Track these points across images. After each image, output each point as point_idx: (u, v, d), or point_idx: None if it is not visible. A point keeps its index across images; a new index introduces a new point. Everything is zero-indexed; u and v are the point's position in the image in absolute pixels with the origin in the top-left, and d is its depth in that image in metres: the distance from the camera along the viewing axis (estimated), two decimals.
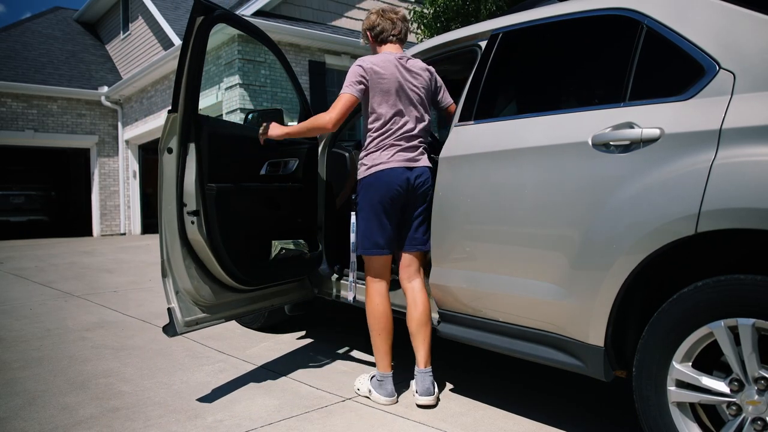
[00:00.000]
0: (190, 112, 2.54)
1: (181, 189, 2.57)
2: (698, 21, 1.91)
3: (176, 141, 2.54)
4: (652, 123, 1.89)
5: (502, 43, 2.53)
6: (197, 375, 2.97)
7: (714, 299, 1.70)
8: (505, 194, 2.29)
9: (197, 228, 2.56)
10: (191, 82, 2.53)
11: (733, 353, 1.67)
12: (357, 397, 2.66)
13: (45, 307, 4.68)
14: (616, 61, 2.11)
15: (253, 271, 2.82)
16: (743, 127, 1.69)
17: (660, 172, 1.83)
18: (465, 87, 2.60)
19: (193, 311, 2.65)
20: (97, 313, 4.46)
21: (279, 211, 3.01)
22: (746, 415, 1.66)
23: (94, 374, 2.99)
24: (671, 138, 1.84)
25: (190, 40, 2.51)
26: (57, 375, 2.98)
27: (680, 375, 1.78)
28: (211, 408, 2.54)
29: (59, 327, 4.00)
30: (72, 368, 3.09)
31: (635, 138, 1.91)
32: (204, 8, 2.53)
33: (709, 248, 1.87)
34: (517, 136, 2.29)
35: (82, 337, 3.71)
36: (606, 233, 1.94)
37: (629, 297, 1.97)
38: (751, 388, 1.66)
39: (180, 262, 2.59)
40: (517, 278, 2.25)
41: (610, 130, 1.98)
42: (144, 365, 3.14)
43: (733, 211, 1.64)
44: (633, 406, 1.93)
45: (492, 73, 2.53)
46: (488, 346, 2.40)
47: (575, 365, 2.08)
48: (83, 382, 2.87)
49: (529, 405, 2.58)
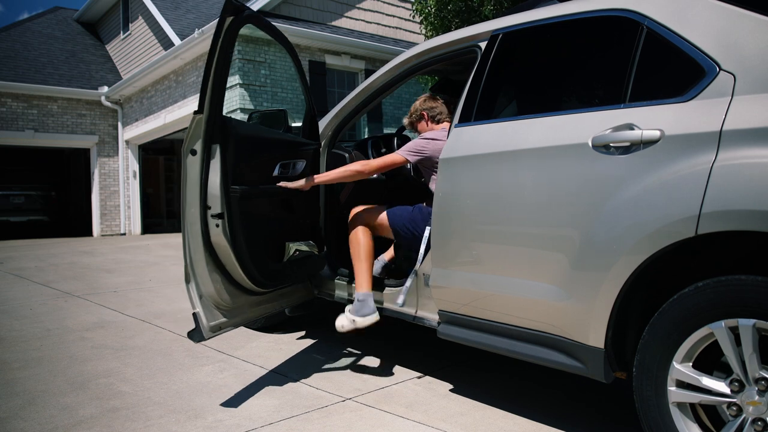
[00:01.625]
0: (216, 113, 2.50)
1: (205, 191, 2.53)
2: (698, 22, 1.91)
3: (201, 143, 2.50)
4: (652, 125, 1.89)
5: (502, 44, 2.53)
6: (198, 375, 2.97)
7: (715, 300, 1.70)
8: (505, 195, 2.29)
9: (221, 231, 2.53)
10: (218, 82, 2.49)
11: (734, 354, 1.68)
12: (357, 396, 2.66)
13: (45, 307, 4.68)
14: (616, 63, 2.11)
15: (272, 274, 2.83)
16: (743, 128, 1.69)
17: (660, 173, 1.83)
18: (465, 88, 2.60)
19: (216, 316, 2.63)
20: (97, 313, 4.46)
21: (292, 213, 3.02)
22: (746, 415, 1.66)
23: (95, 374, 2.98)
24: (671, 140, 1.84)
25: (218, 40, 2.47)
26: (57, 375, 2.98)
27: (681, 375, 1.78)
28: (212, 408, 2.54)
29: (59, 327, 3.99)
30: (72, 368, 3.09)
31: (635, 139, 1.91)
32: (234, 8, 2.51)
33: (710, 250, 1.87)
34: (518, 137, 2.29)
35: (82, 337, 3.71)
36: (606, 235, 1.94)
37: (629, 298, 1.97)
38: (751, 388, 1.66)
39: (203, 266, 2.57)
40: (517, 279, 2.25)
41: (610, 132, 1.98)
42: (144, 365, 3.14)
43: (733, 212, 1.64)
44: (633, 404, 1.93)
45: (492, 73, 2.53)
46: (488, 347, 2.40)
47: (575, 367, 2.09)
48: (83, 382, 2.87)
49: (528, 404, 2.58)
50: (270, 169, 2.90)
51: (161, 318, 4.25)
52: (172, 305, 4.72)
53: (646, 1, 2.06)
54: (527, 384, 2.87)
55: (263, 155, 2.86)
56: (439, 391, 2.74)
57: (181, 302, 4.80)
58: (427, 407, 2.54)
